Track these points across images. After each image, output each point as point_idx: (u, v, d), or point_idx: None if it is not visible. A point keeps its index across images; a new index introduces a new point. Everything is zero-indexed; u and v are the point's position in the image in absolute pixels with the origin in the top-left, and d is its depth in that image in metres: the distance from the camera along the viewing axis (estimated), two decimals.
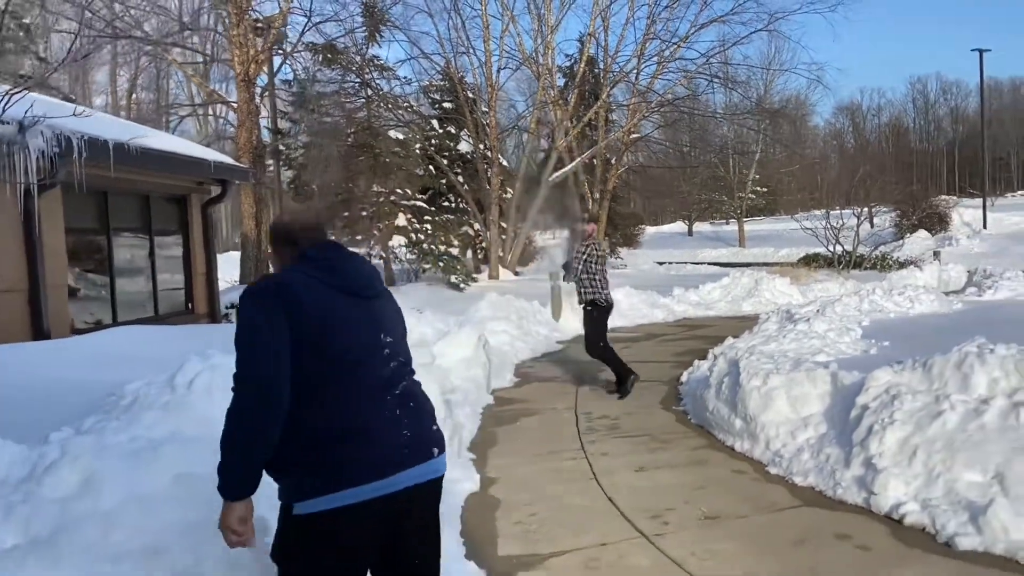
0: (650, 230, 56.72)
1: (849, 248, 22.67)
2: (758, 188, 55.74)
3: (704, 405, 6.55)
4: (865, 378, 5.08)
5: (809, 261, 25.86)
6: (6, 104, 4.35)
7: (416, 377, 2.43)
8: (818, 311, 9.47)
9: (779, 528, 4.23)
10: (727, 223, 57.85)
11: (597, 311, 7.88)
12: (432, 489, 2.41)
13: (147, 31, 16.41)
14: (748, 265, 28.26)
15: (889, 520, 4.20)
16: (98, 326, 8.58)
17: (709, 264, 33.58)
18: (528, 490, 5.06)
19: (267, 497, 2.31)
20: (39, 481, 2.47)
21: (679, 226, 61.94)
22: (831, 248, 22.99)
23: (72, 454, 2.56)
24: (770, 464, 5.31)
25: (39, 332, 7.36)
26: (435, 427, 2.41)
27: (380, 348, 2.31)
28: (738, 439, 5.86)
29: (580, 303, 7.97)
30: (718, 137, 45.39)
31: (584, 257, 7.77)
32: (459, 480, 5.11)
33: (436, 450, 2.37)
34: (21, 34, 16.30)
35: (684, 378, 8.25)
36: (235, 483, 2.12)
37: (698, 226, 59.97)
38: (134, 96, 38.79)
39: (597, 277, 7.79)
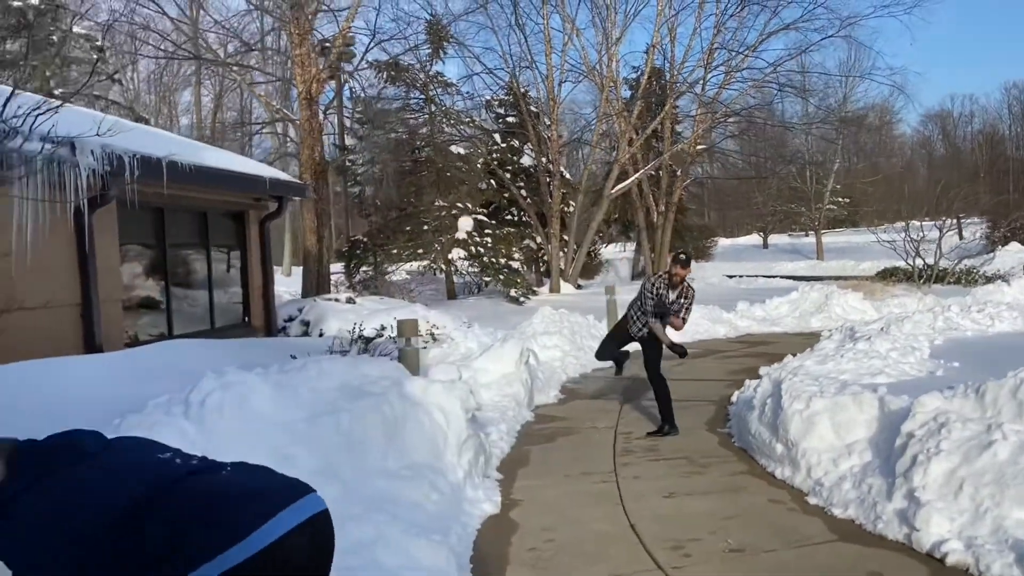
0: (724, 242, 55.47)
1: (931, 261, 21.56)
2: (839, 199, 53.83)
3: (747, 428, 6.24)
4: (912, 403, 4.72)
5: (887, 275, 24.72)
6: (33, 121, 4.47)
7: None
8: (882, 329, 8.97)
9: (807, 564, 3.94)
10: (806, 235, 55.99)
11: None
12: None
13: (219, 54, 17.02)
14: (825, 279, 27.25)
15: (930, 559, 3.86)
16: (154, 339, 8.82)
17: (782, 277, 32.49)
18: (550, 514, 4.88)
19: None
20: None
21: (755, 238, 60.32)
22: (910, 261, 21.90)
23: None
24: (810, 494, 4.99)
25: (91, 346, 7.60)
26: None
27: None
28: (779, 465, 5.54)
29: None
30: (792, 148, 44.16)
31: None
32: (480, 501, 4.98)
33: None
34: (94, 56, 17.11)
35: (734, 398, 7.90)
36: None
37: (776, 238, 58.25)
38: (218, 115, 40.26)
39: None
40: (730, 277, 32.89)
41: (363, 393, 4.94)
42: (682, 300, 6.97)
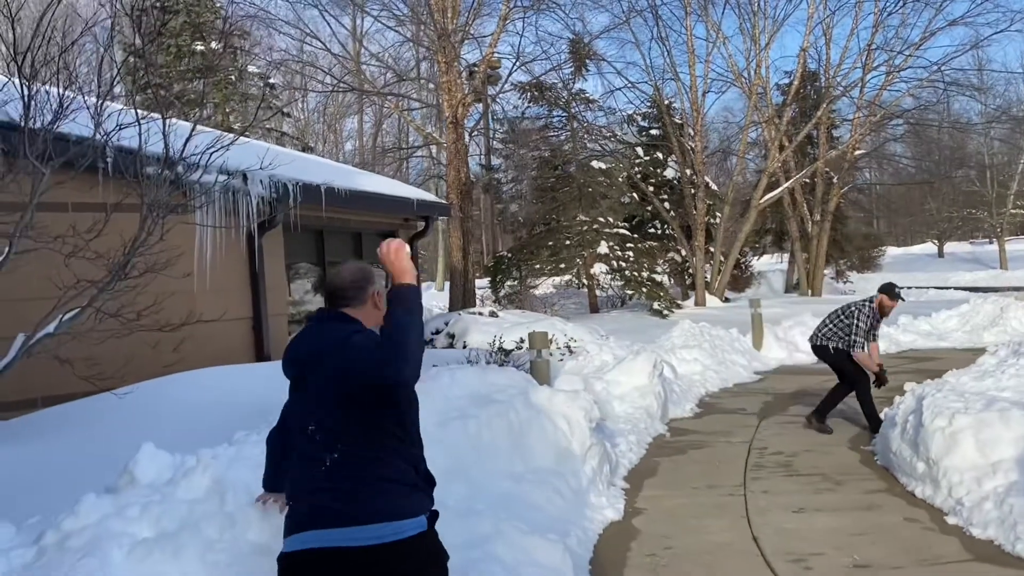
0: (894, 251, 52.01)
1: None
2: None
3: (888, 446, 6.01)
4: None
5: None
6: (209, 157, 5.16)
7: (354, 448, 2.33)
8: None
9: None
10: (989, 243, 51.33)
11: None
12: (336, 558, 2.24)
13: (375, 84, 18.27)
14: (1006, 290, 25.04)
15: None
16: None
17: (957, 289, 30.08)
18: (672, 523, 4.96)
19: None
20: (176, 484, 2.93)
21: (929, 247, 55.98)
22: None
23: (204, 463, 3.01)
24: (950, 513, 4.77)
25: (261, 355, 8.45)
26: (368, 498, 2.29)
27: (307, 421, 2.40)
28: (919, 484, 5.31)
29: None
30: (970, 150, 40.87)
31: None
32: (603, 507, 5.14)
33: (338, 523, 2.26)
34: (266, 90, 18.80)
35: (883, 415, 7.57)
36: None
37: (954, 246, 53.73)
38: (378, 140, 42.65)
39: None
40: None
41: (491, 400, 5.25)
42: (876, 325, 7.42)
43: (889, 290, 7.35)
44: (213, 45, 18.17)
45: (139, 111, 5.02)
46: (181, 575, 2.63)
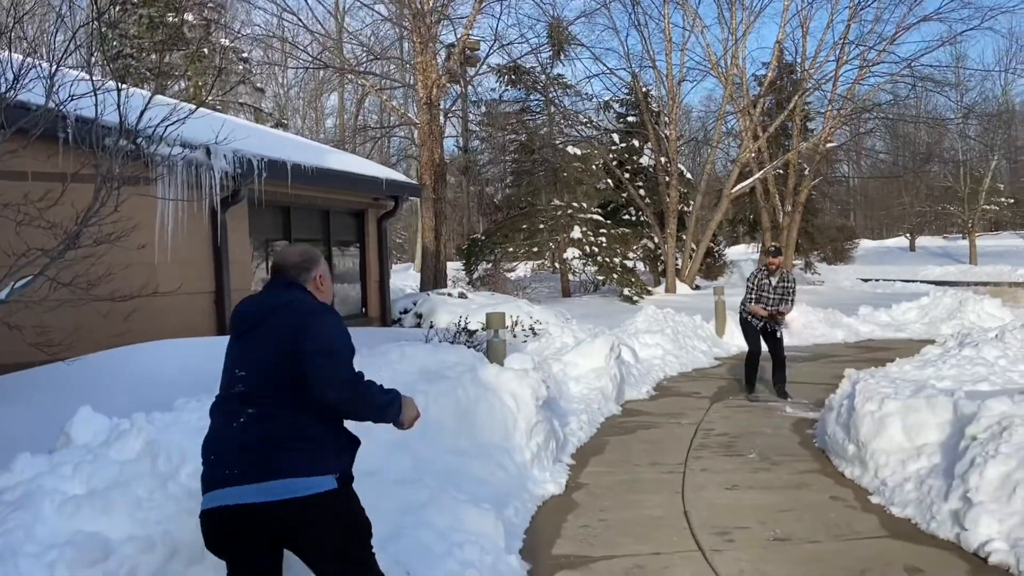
0: (868, 244, 52.60)
1: None
2: (1002, 199, 49.75)
3: (825, 428, 6.23)
4: (979, 407, 4.64)
5: None
6: (164, 129, 5.20)
7: (270, 407, 2.45)
8: (996, 336, 8.52)
9: (847, 556, 4.01)
10: (963, 238, 52.05)
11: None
12: (247, 514, 2.36)
13: (350, 62, 18.21)
14: (974, 284, 25.50)
15: (975, 558, 3.85)
16: None
17: (925, 283, 30.60)
18: (610, 498, 5.14)
19: None
20: (109, 446, 3.04)
21: (902, 241, 56.70)
22: None
23: (138, 426, 3.12)
24: (874, 493, 4.99)
25: (223, 329, 8.50)
26: (277, 455, 2.41)
27: (235, 380, 2.57)
28: (849, 465, 5.53)
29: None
30: (944, 145, 41.39)
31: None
32: (544, 482, 5.30)
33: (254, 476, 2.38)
34: (241, 66, 18.67)
35: (828, 401, 7.81)
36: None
37: (927, 240, 54.40)
38: (359, 118, 42.40)
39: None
40: (865, 281, 31.35)
41: (440, 377, 5.38)
42: (785, 284, 8.42)
43: (767, 251, 9.05)
44: (188, 17, 18.03)
45: (95, 80, 5.05)
46: (110, 529, 2.73)
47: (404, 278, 26.95)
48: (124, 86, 5.28)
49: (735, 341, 13.33)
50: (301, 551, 2.49)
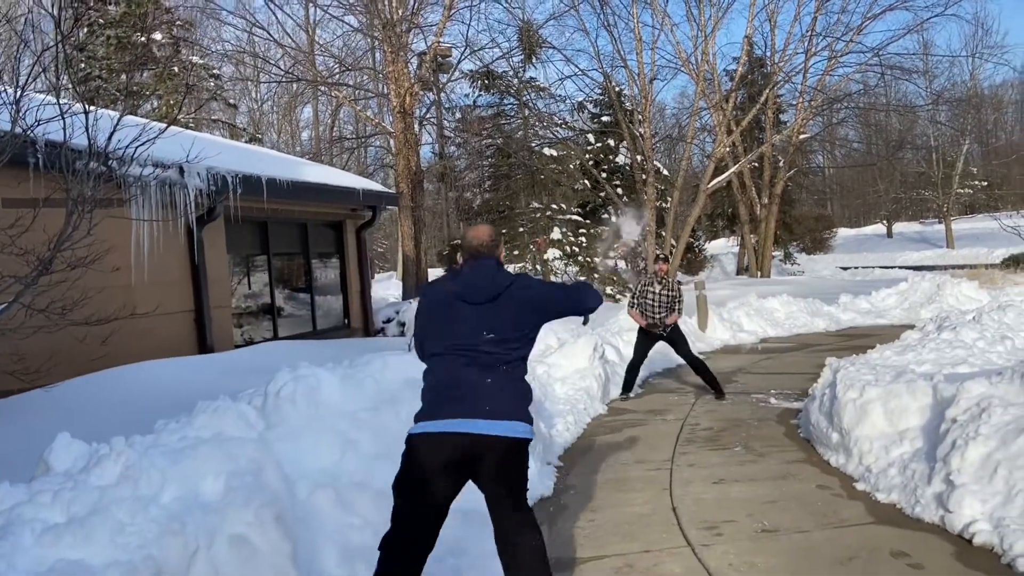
0: (846, 233, 53.12)
1: None
2: (976, 182, 50.38)
3: (809, 418, 6.28)
4: (958, 389, 4.69)
5: (1016, 262, 23.24)
6: (135, 150, 5.16)
7: (513, 366, 3.16)
8: (973, 318, 8.64)
9: (834, 544, 4.05)
10: (940, 222, 52.60)
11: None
12: (494, 443, 3.03)
13: (321, 74, 18.16)
14: (951, 268, 25.80)
15: (959, 540, 3.89)
16: (260, 342, 9.64)
17: (904, 268, 30.94)
18: (598, 498, 5.15)
19: None
20: (88, 471, 3.01)
21: (880, 228, 57.23)
22: None
23: (117, 451, 3.09)
24: (859, 480, 5.03)
25: (204, 347, 8.46)
26: (513, 401, 3.11)
27: (476, 339, 3.10)
28: (834, 453, 5.58)
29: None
30: (917, 132, 41.87)
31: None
32: (533, 485, 5.23)
33: (498, 415, 3.04)
34: (212, 83, 18.56)
35: (811, 390, 7.87)
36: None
37: (904, 226, 54.92)
38: (334, 129, 42.27)
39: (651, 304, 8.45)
40: (844, 269, 31.67)
41: None
42: (670, 292, 8.44)
43: (656, 258, 9.09)
44: (156, 36, 17.89)
45: (62, 103, 5.00)
46: (91, 556, 2.71)
47: (387, 287, 26.86)
48: (92, 108, 5.23)
49: (718, 335, 13.45)
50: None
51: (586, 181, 21.71)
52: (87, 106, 5.14)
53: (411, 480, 3.09)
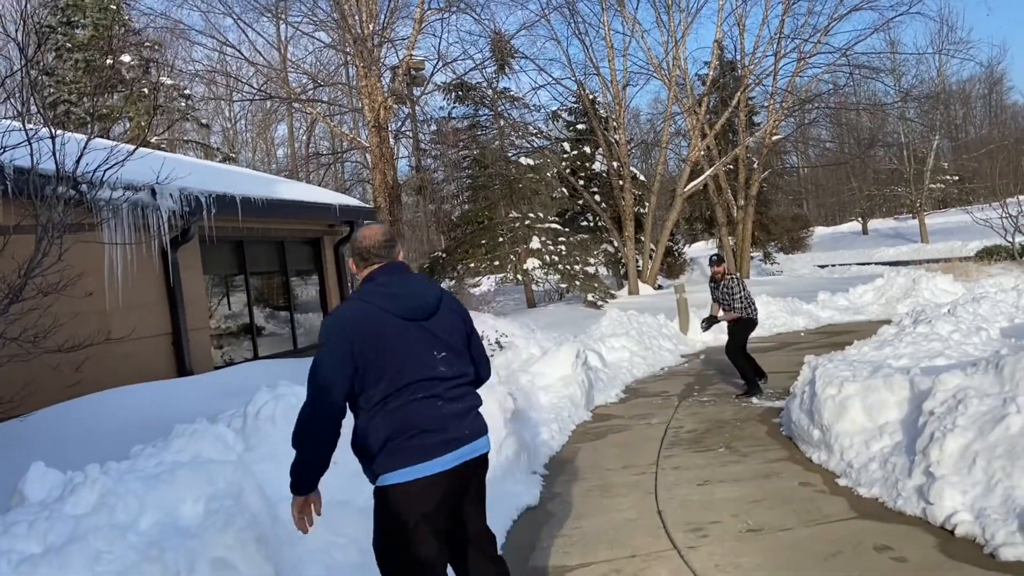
0: (823, 231, 53.66)
1: None
2: (947, 177, 51.08)
3: (790, 416, 6.31)
4: (934, 382, 4.74)
5: (990, 254, 23.54)
6: (103, 173, 5.12)
7: (470, 381, 2.88)
8: (948, 311, 8.74)
9: (818, 541, 4.07)
10: (913, 217, 53.19)
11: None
12: (481, 461, 2.86)
13: (294, 90, 18.12)
14: (927, 262, 26.13)
15: (942, 531, 3.93)
16: (240, 362, 9.56)
17: (880, 264, 31.28)
18: (584, 505, 5.14)
19: None
20: (64, 500, 2.96)
21: (855, 225, 57.83)
22: (1010, 239, 20.81)
23: (92, 478, 3.05)
24: (841, 476, 5.07)
25: (183, 370, 8.35)
26: (478, 417, 2.88)
27: (434, 364, 2.74)
28: (816, 450, 5.61)
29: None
30: (887, 129, 42.37)
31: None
32: (519, 495, 5.29)
33: (478, 435, 2.82)
34: (183, 103, 18.46)
35: (792, 389, 7.92)
36: (295, 483, 2.73)
37: (879, 223, 55.54)
38: (310, 146, 42.13)
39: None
40: (822, 267, 31.96)
41: None
42: (726, 291, 8.45)
43: (710, 260, 9.02)
44: (125, 58, 17.75)
45: (29, 128, 4.95)
46: None
47: None
48: (59, 132, 5.18)
49: (700, 337, 13.49)
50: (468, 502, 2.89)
51: (564, 189, 21.78)
52: (54, 130, 5.10)
53: (413, 530, 2.66)
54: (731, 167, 25.31)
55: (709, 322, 8.92)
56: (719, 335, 13.59)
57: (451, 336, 2.82)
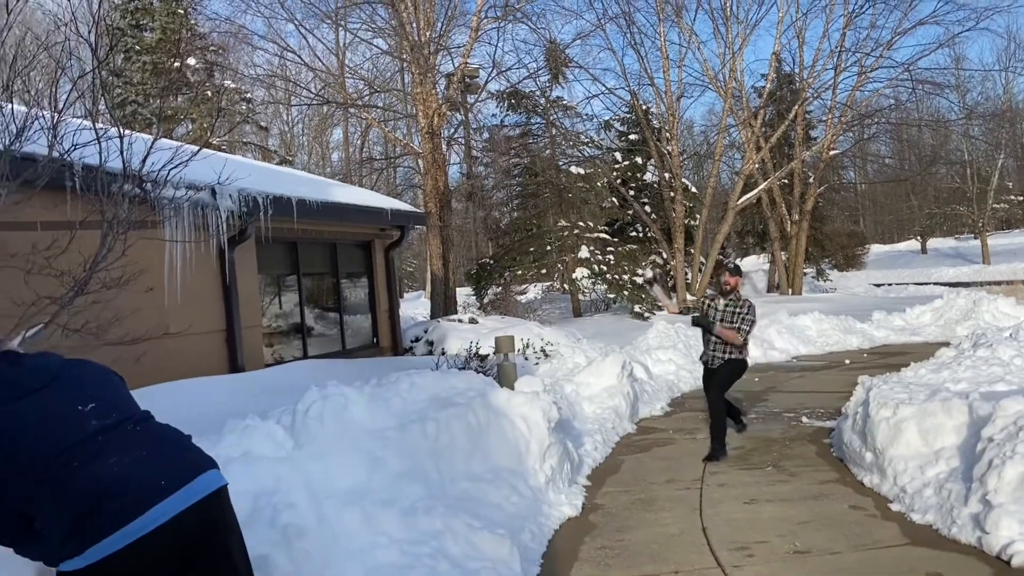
0: (879, 249, 52.43)
1: None
2: (1012, 197, 49.50)
3: (842, 437, 6.17)
4: (994, 407, 4.59)
5: None
6: (167, 173, 5.28)
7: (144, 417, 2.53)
8: (1010, 335, 8.45)
9: (868, 566, 3.97)
10: (975, 238, 51.58)
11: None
12: (208, 505, 2.38)
13: (351, 96, 18.44)
14: (988, 284, 25.30)
15: (997, 561, 3.80)
16: (290, 361, 9.74)
17: (939, 284, 30.38)
18: (627, 517, 5.10)
19: None
20: None
21: (914, 244, 56.31)
22: None
23: None
24: (894, 500, 4.93)
25: (235, 366, 8.54)
26: (190, 452, 2.51)
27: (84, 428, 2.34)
28: (868, 473, 5.47)
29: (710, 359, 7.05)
30: (950, 147, 41.28)
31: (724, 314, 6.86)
32: (561, 504, 5.27)
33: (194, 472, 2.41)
34: (244, 106, 18.93)
35: (843, 409, 7.75)
36: None
37: (939, 242, 54.01)
38: (364, 150, 42.77)
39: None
40: (878, 286, 31.19)
41: (450, 403, 5.37)
42: (735, 309, 6.78)
43: (724, 267, 7.33)
44: (191, 61, 18.31)
45: (98, 128, 5.13)
46: None
47: (415, 306, 27.02)
48: (127, 132, 5.36)
49: (749, 353, 13.30)
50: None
51: (614, 199, 21.68)
52: (122, 130, 5.27)
53: None
54: (786, 181, 24.90)
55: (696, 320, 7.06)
56: (768, 351, 13.43)
57: (101, 389, 2.57)
